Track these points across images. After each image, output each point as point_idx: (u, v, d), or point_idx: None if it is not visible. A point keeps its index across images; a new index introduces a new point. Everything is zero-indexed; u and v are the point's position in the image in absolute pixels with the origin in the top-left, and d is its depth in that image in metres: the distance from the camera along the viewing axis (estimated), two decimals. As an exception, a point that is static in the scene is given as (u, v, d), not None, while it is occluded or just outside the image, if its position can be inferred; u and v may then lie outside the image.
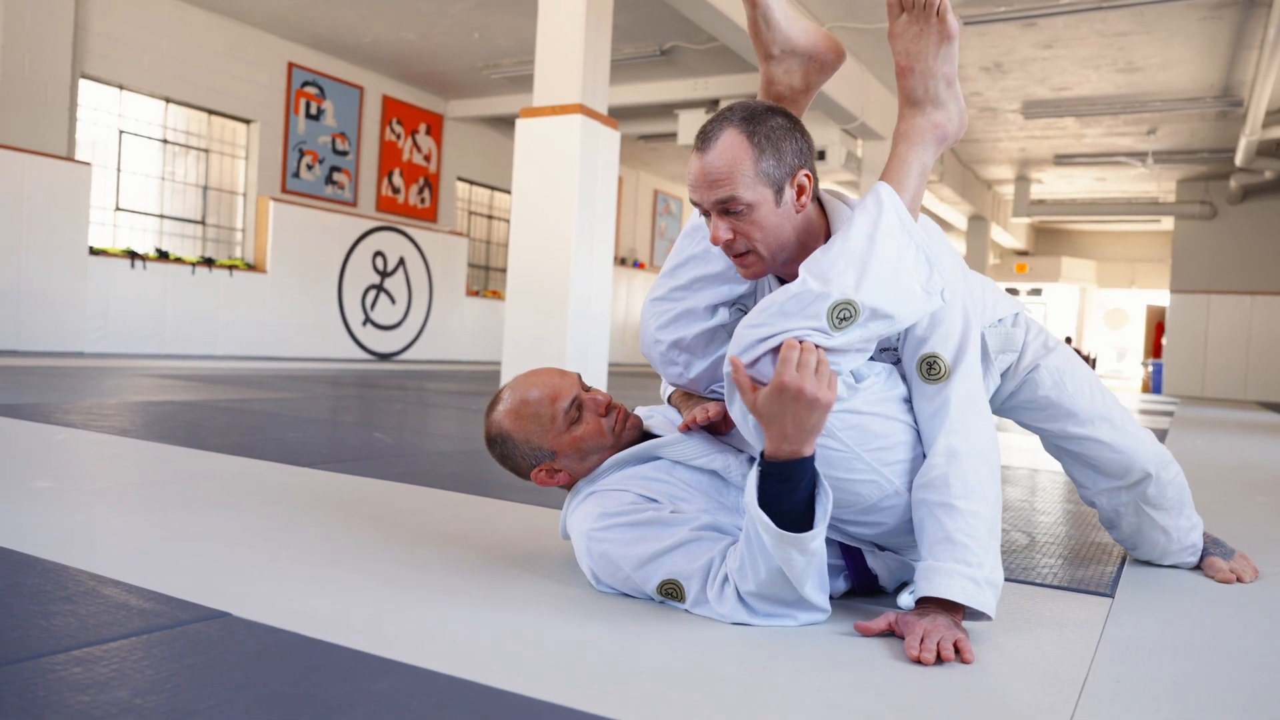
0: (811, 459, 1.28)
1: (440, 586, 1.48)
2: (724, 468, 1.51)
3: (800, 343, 1.25)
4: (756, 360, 1.28)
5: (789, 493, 1.26)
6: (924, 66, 1.44)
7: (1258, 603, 1.67)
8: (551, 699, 1.03)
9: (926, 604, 1.30)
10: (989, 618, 1.31)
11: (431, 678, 1.08)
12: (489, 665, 1.13)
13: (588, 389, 1.59)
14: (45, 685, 0.99)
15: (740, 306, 1.58)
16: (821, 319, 1.27)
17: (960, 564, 1.28)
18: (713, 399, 1.59)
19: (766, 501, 1.26)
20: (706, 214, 1.40)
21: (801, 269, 1.33)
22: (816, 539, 1.27)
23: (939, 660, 1.20)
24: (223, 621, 1.23)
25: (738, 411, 1.34)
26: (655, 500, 1.47)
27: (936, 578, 1.28)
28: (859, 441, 1.34)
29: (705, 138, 1.37)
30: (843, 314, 1.28)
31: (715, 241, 1.38)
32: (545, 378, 1.58)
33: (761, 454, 1.29)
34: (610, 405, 1.58)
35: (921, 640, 1.23)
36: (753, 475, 1.29)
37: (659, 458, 1.54)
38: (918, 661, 1.20)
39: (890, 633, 1.31)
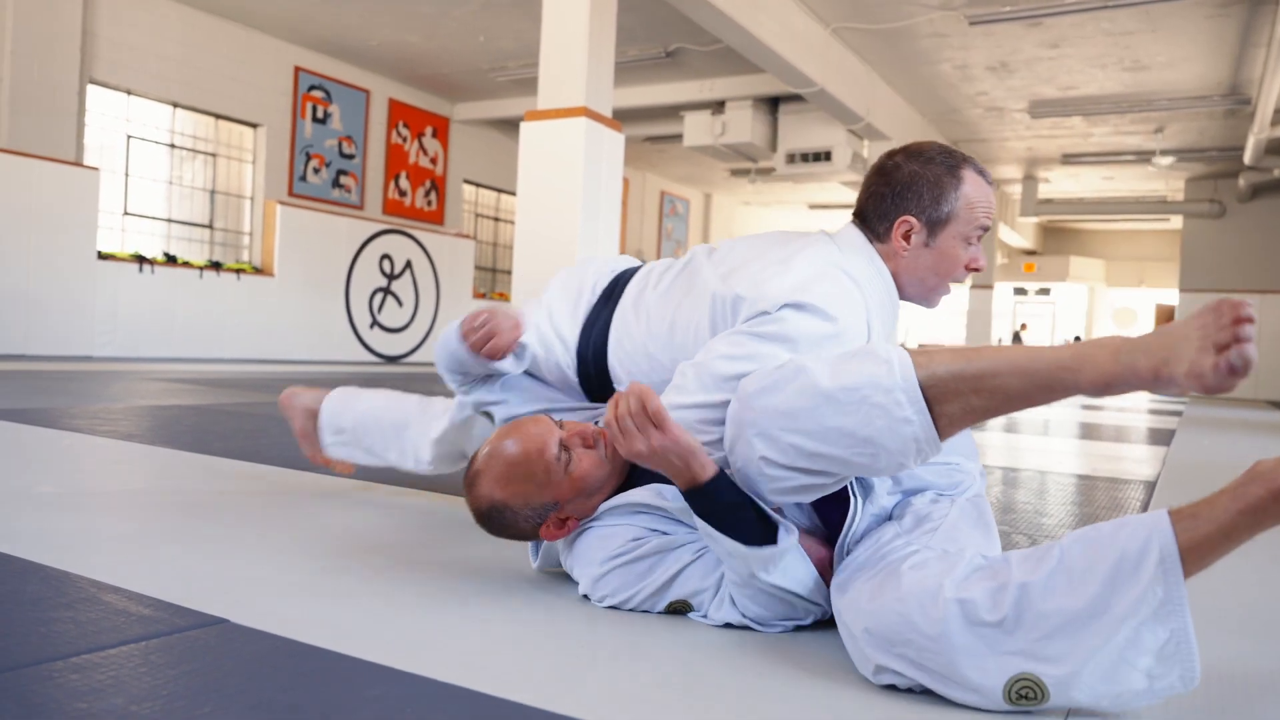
0: (719, 477, 1.28)
1: (437, 592, 1.48)
2: None
3: (614, 407, 1.29)
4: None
5: (726, 512, 1.26)
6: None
7: (1242, 597, 1.67)
8: (546, 706, 1.04)
9: None
10: None
11: (426, 684, 1.08)
12: (484, 671, 1.13)
13: (562, 425, 1.47)
14: (43, 692, 1.00)
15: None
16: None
17: None
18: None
19: (716, 525, 1.26)
20: (972, 241, 1.58)
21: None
22: (781, 556, 1.27)
23: None
24: (220, 628, 1.24)
25: (739, 461, 1.29)
26: (655, 531, 1.43)
27: None
28: None
29: (986, 173, 1.59)
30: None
31: (981, 266, 1.58)
32: (520, 433, 1.44)
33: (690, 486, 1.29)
34: (593, 435, 1.46)
35: None
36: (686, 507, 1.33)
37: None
38: None
39: None
